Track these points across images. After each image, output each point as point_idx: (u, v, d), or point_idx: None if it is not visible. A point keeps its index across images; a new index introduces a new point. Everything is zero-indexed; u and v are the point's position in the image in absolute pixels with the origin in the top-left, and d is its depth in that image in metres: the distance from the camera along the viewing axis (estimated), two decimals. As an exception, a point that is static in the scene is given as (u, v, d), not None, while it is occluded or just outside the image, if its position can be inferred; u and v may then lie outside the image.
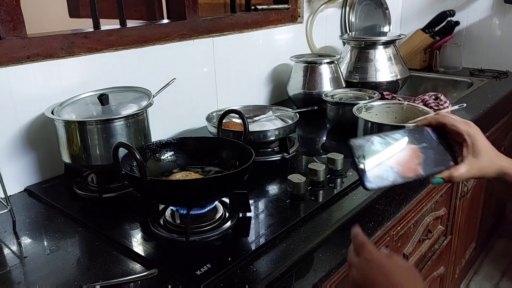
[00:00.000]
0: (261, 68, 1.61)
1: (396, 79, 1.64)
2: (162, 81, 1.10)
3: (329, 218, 0.87)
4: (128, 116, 0.95)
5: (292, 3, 1.71)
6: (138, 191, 0.82)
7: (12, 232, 0.86)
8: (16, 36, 0.99)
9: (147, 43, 1.24)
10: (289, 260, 0.75)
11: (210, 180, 0.80)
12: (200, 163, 0.95)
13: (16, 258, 0.79)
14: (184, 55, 1.32)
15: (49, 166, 1.08)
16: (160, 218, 0.85)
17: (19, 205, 0.96)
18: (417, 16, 2.21)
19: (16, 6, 0.98)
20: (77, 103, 1.02)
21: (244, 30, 1.52)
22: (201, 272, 0.70)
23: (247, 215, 0.87)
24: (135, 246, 0.79)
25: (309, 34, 1.78)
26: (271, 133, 1.11)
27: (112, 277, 0.71)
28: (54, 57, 1.06)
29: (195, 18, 1.35)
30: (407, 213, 1.09)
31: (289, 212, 0.89)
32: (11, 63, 0.99)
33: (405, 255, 1.15)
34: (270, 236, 0.80)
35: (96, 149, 0.94)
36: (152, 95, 1.03)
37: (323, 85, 1.51)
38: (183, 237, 0.78)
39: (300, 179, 0.92)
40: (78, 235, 0.85)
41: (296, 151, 1.17)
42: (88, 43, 1.12)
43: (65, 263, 0.76)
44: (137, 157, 0.71)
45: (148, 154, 0.92)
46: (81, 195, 0.98)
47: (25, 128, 1.03)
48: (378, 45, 1.66)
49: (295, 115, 1.23)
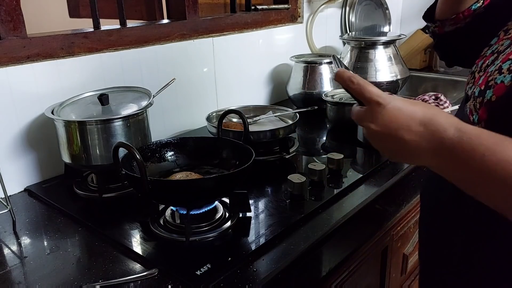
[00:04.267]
0: (261, 68, 1.61)
1: (396, 79, 1.65)
2: (162, 81, 1.10)
3: (329, 218, 0.87)
4: (128, 116, 0.95)
5: (292, 3, 1.71)
6: (138, 191, 0.82)
7: (12, 232, 0.86)
8: (16, 36, 0.99)
9: (147, 43, 1.24)
10: (289, 260, 0.75)
11: (210, 180, 0.80)
12: (200, 163, 0.95)
13: (16, 258, 0.79)
14: (184, 55, 1.32)
15: (49, 166, 1.08)
16: (160, 218, 0.85)
17: (19, 205, 0.96)
18: (417, 16, 2.19)
19: (16, 6, 0.98)
20: (77, 103, 1.02)
21: (244, 30, 1.52)
22: (201, 272, 0.70)
23: (247, 215, 0.87)
24: (135, 246, 0.79)
25: (309, 34, 1.78)
26: (271, 133, 1.11)
27: (112, 277, 0.71)
28: (54, 57, 1.06)
29: (195, 18, 1.35)
30: (407, 213, 1.09)
31: (289, 212, 0.89)
32: (11, 63, 0.99)
33: (405, 255, 1.15)
34: (270, 236, 0.80)
35: (96, 149, 0.94)
36: (152, 95, 1.03)
37: (323, 85, 1.51)
38: (183, 237, 0.78)
39: (300, 179, 0.92)
40: (78, 235, 0.85)
41: (296, 151, 1.17)
42: (88, 43, 1.12)
43: (65, 263, 0.76)
44: (137, 157, 0.71)
45: (148, 154, 0.92)
46: (81, 195, 0.98)
47: (25, 128, 1.03)
48: (378, 45, 1.66)
49: (295, 115, 1.23)
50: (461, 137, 0.50)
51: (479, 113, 0.58)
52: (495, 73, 0.58)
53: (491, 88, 0.57)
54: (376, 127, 0.55)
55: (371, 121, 0.56)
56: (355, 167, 1.13)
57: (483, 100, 0.58)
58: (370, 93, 0.55)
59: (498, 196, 0.50)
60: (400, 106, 0.54)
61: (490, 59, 0.64)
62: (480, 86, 0.60)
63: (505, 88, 0.55)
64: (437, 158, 0.53)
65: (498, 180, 0.48)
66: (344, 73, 0.57)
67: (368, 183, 1.03)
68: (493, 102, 0.56)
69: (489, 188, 0.50)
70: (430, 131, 0.52)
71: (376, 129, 0.55)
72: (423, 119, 0.53)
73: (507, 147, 0.48)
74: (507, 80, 0.55)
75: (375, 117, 0.55)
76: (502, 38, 0.65)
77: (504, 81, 0.56)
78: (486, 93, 0.58)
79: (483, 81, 0.60)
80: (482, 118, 0.58)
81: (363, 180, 1.04)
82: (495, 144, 0.49)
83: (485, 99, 0.57)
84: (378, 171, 1.08)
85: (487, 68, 0.62)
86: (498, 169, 0.47)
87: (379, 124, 0.55)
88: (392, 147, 0.56)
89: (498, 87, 0.56)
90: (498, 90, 0.56)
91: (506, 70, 0.56)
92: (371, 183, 1.03)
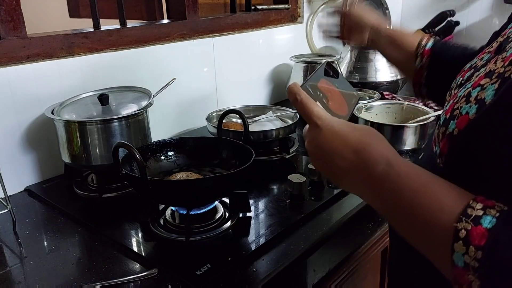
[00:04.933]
0: (261, 68, 1.61)
1: (396, 79, 1.64)
2: (162, 81, 1.10)
3: (329, 218, 0.87)
4: (128, 116, 0.95)
5: (292, 3, 1.71)
6: (138, 191, 0.82)
7: (12, 232, 0.86)
8: (16, 36, 0.99)
9: (147, 43, 1.24)
10: (289, 260, 0.75)
11: (210, 180, 0.80)
12: (200, 163, 0.95)
13: (16, 258, 0.79)
14: (184, 55, 1.32)
15: (49, 166, 1.08)
16: (160, 218, 0.85)
17: (19, 205, 0.96)
18: (417, 16, 2.21)
19: (16, 6, 0.98)
20: (77, 103, 1.02)
21: (244, 30, 1.52)
22: (201, 272, 0.70)
23: (247, 215, 0.87)
24: (135, 246, 0.79)
25: (309, 34, 1.78)
26: (271, 133, 1.11)
27: (112, 277, 0.71)
28: (54, 57, 1.06)
29: (195, 18, 1.35)
30: (407, 213, 1.09)
31: (289, 212, 0.89)
32: (11, 63, 0.99)
33: (405, 255, 1.15)
34: (270, 236, 0.80)
35: (96, 149, 0.94)
36: (152, 95, 1.03)
37: (323, 85, 1.51)
38: (183, 237, 0.78)
39: (300, 179, 0.92)
40: (78, 235, 0.85)
41: (296, 151, 1.17)
42: (88, 43, 1.12)
43: (65, 263, 0.76)
44: (137, 157, 0.71)
45: (148, 154, 0.92)
46: (81, 195, 0.98)
47: (25, 128, 1.03)
48: (378, 45, 1.65)
49: (295, 115, 1.23)
50: (389, 174, 0.49)
51: (440, 145, 0.52)
52: (462, 101, 0.51)
53: (455, 119, 0.50)
54: (311, 148, 0.56)
55: (308, 140, 0.57)
56: (355, 167, 1.13)
57: (445, 131, 0.51)
58: (311, 113, 0.55)
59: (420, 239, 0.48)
60: (336, 131, 0.53)
61: (466, 75, 0.58)
62: (446, 113, 0.53)
63: (467, 121, 0.48)
64: (365, 190, 0.52)
65: (418, 224, 0.46)
66: (293, 89, 0.57)
67: (368, 183, 1.03)
68: (455, 136, 0.49)
69: (412, 231, 0.48)
70: (360, 161, 0.51)
71: (312, 150, 0.56)
72: (356, 147, 0.51)
73: (432, 192, 0.46)
74: (472, 112, 0.48)
75: (312, 138, 0.56)
76: (484, 51, 0.61)
77: (469, 113, 0.48)
78: (450, 123, 0.51)
79: (449, 108, 0.53)
80: (443, 152, 0.52)
81: (363, 180, 1.03)
82: (420, 187, 0.47)
83: (448, 130, 0.51)
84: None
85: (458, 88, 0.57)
86: (417, 214, 0.46)
87: (314, 145, 0.55)
88: (327, 170, 0.56)
89: (461, 119, 0.49)
90: (460, 122, 0.49)
91: (473, 99, 0.49)
92: (371, 183, 1.03)
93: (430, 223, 0.45)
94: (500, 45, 0.55)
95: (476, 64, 0.58)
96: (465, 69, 0.61)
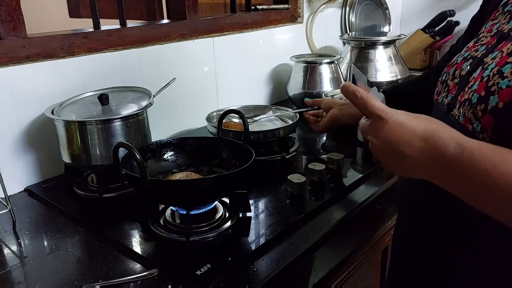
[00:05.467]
0: (261, 68, 1.61)
1: (396, 79, 1.65)
2: (162, 81, 1.10)
3: (329, 218, 0.87)
4: (128, 116, 0.95)
5: (292, 3, 1.71)
6: (138, 191, 0.82)
7: (12, 232, 0.86)
8: (16, 36, 0.99)
9: (147, 43, 1.24)
10: (289, 260, 0.75)
11: (210, 180, 0.80)
12: (200, 163, 0.95)
13: (16, 258, 0.79)
14: (184, 55, 1.32)
15: (49, 166, 1.08)
16: (160, 218, 0.85)
17: (19, 205, 0.96)
18: (417, 16, 2.21)
19: (16, 6, 0.98)
20: (77, 103, 1.02)
21: (244, 30, 1.52)
22: (201, 272, 0.70)
23: (247, 215, 0.87)
24: (135, 246, 0.79)
25: (309, 34, 1.78)
26: (271, 133, 1.11)
27: (112, 277, 0.71)
28: (54, 57, 1.06)
29: (195, 18, 1.35)
30: (407, 213, 1.09)
31: (289, 212, 0.89)
32: (11, 63, 0.99)
33: (405, 255, 1.15)
34: (270, 236, 0.80)
35: (96, 149, 0.94)
36: (152, 95, 1.03)
37: (323, 85, 1.51)
38: (183, 237, 0.78)
39: (300, 179, 0.92)
40: (78, 235, 0.85)
41: (296, 151, 1.17)
42: (88, 43, 1.12)
43: (65, 263, 0.76)
44: (137, 157, 0.71)
45: (148, 154, 0.92)
46: (81, 195, 0.98)
47: (25, 128, 1.03)
48: (378, 45, 1.66)
49: (295, 115, 1.23)
50: (462, 152, 0.50)
51: (482, 122, 0.55)
52: (495, 78, 0.55)
53: (495, 94, 0.53)
54: (377, 141, 0.57)
55: (373, 135, 0.57)
56: (355, 167, 1.13)
57: (486, 107, 0.54)
58: (373, 107, 0.56)
59: (502, 208, 0.49)
60: (402, 121, 0.55)
61: (465, 65, 0.62)
62: (477, 92, 0.56)
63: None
64: (438, 173, 0.53)
65: (501, 193, 0.48)
66: (349, 87, 0.58)
67: (368, 183, 1.03)
68: (501, 108, 0.53)
69: (493, 202, 0.50)
70: (431, 147, 0.52)
71: (378, 143, 0.57)
72: (424, 134, 0.53)
73: (508, 160, 0.48)
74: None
75: (377, 131, 0.56)
76: (473, 46, 0.65)
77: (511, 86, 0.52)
78: (490, 99, 0.54)
79: (479, 87, 0.57)
80: (488, 127, 0.54)
81: (363, 180, 1.04)
82: (496, 157, 0.49)
83: (489, 105, 0.54)
84: (378, 171, 1.08)
85: (469, 74, 0.60)
86: (501, 183, 0.47)
87: (380, 138, 0.56)
88: (393, 161, 0.57)
89: (504, 92, 0.53)
90: (504, 95, 0.53)
91: (509, 73, 0.53)
92: (371, 183, 1.03)
93: None
94: (502, 35, 0.60)
95: (471, 55, 0.63)
96: (457, 62, 0.65)
